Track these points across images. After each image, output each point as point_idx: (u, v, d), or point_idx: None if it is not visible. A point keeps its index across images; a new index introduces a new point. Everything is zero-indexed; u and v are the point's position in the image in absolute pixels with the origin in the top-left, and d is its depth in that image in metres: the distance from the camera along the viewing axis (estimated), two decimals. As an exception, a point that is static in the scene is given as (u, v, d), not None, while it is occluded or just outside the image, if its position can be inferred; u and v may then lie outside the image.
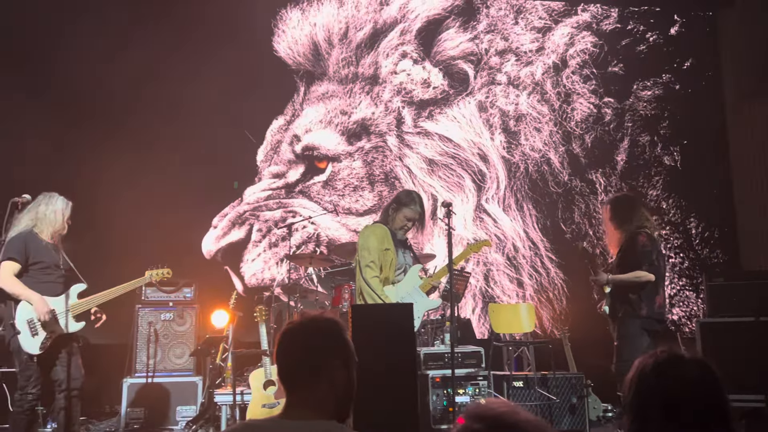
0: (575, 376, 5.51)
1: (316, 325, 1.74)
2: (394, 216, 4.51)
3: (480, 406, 1.15)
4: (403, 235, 4.60)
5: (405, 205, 4.49)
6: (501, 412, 1.10)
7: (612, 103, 8.05)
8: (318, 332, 1.72)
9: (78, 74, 6.56)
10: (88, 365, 5.91)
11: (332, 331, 1.74)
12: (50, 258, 4.32)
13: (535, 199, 7.71)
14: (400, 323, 3.54)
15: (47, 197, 4.44)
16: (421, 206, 4.55)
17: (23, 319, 4.14)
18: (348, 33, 7.61)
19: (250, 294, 6.77)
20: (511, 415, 1.10)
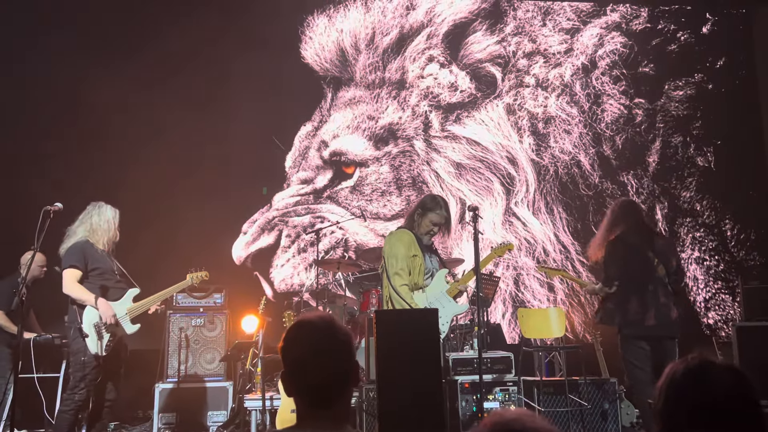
0: (607, 381, 5.42)
1: (336, 329, 1.63)
2: (420, 221, 4.48)
3: (494, 414, 1.13)
4: (429, 240, 4.56)
5: (431, 210, 4.46)
6: (510, 419, 1.08)
7: (643, 104, 7.92)
8: (341, 338, 1.63)
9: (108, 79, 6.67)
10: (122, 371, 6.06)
11: (349, 336, 1.67)
12: (106, 265, 4.55)
13: (566, 202, 7.62)
14: (424, 328, 3.52)
15: (97, 207, 4.65)
16: (447, 210, 4.51)
17: (90, 323, 4.38)
18: (374, 38, 7.62)
19: (280, 299, 6.81)
20: (519, 422, 1.08)
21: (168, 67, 6.92)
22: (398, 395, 3.35)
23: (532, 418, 1.10)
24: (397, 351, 3.41)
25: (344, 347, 1.63)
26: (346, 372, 1.62)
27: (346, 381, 1.63)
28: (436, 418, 3.40)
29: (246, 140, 7.12)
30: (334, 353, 1.61)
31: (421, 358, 3.46)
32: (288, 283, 7.07)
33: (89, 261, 4.47)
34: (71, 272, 4.40)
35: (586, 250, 7.38)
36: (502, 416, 1.10)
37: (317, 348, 1.60)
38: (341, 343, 1.62)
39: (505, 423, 1.07)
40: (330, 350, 1.61)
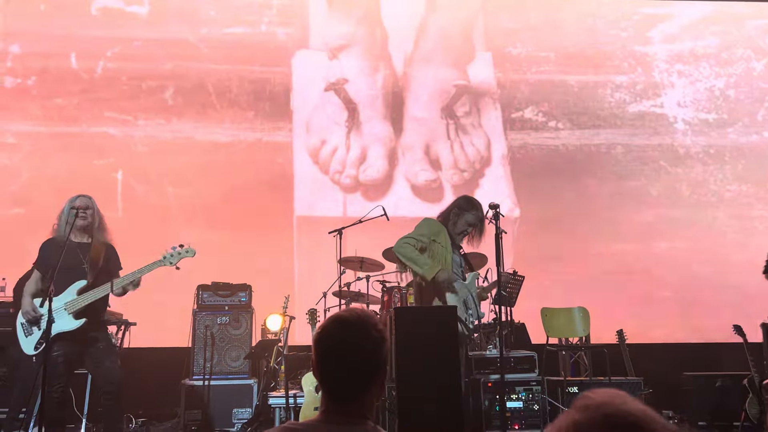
0: (633, 381, 5.35)
1: (370, 326, 1.65)
2: (456, 220, 4.58)
3: (586, 395, 1.07)
4: (461, 240, 4.65)
5: (467, 211, 4.57)
6: (602, 401, 1.04)
7: None
8: (378, 334, 1.65)
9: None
10: (149, 368, 6.16)
11: (384, 335, 1.68)
12: (69, 259, 4.20)
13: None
14: (443, 325, 3.52)
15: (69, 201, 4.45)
16: (482, 212, 4.58)
17: (19, 321, 4.31)
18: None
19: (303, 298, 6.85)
20: (615, 404, 1.03)
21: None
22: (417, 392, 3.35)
23: (623, 398, 1.05)
24: (416, 348, 3.42)
25: (373, 345, 1.63)
26: (372, 369, 1.64)
27: (371, 378, 1.64)
28: (455, 416, 3.39)
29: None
30: (361, 349, 1.62)
31: (441, 355, 3.47)
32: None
33: (48, 260, 4.25)
34: (34, 274, 4.39)
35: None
36: (592, 398, 1.06)
37: (345, 343, 1.63)
38: (371, 340, 1.63)
39: (596, 406, 1.03)
40: (357, 346, 1.62)
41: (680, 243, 7.45)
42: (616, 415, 1.02)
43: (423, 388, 3.38)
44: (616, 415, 1.02)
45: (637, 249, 7.39)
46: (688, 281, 7.34)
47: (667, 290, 7.29)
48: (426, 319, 3.63)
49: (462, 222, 4.56)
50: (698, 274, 7.36)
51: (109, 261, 4.50)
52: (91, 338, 4.31)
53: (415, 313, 3.87)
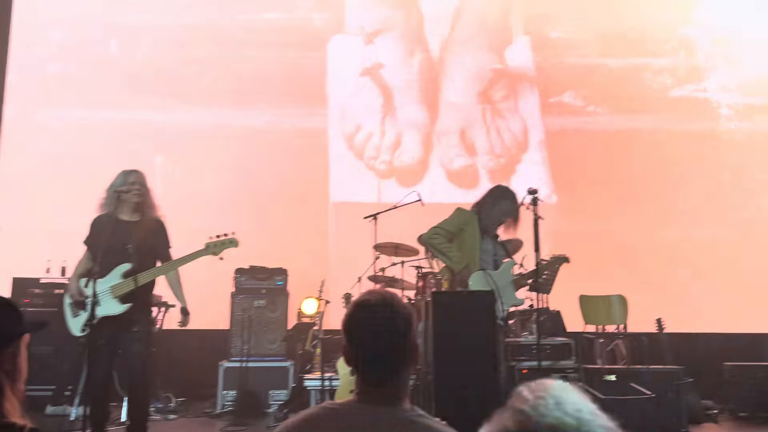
0: (672, 370, 5.26)
1: (398, 306, 1.65)
2: (490, 210, 4.56)
3: (520, 394, 0.98)
4: (496, 230, 4.64)
5: (501, 201, 4.56)
6: (535, 404, 0.93)
7: None
8: (406, 314, 1.65)
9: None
10: (188, 349, 6.28)
11: (410, 313, 1.68)
12: (116, 239, 4.10)
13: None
14: (481, 310, 3.50)
15: (116, 179, 4.34)
16: (516, 202, 4.56)
17: (67, 302, 4.26)
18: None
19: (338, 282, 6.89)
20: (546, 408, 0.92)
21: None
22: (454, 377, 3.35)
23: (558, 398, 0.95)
24: (453, 333, 3.41)
25: (401, 327, 1.63)
26: (400, 351, 1.63)
27: (401, 360, 1.64)
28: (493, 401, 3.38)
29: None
30: (388, 333, 1.62)
31: (478, 340, 3.46)
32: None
33: (95, 239, 4.18)
34: (84, 253, 4.31)
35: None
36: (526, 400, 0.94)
37: (372, 326, 1.63)
38: (398, 323, 1.63)
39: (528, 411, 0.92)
40: (385, 329, 1.62)
41: (723, 231, 7.27)
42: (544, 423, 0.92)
43: (460, 374, 3.38)
44: (545, 423, 0.92)
45: (678, 236, 7.24)
46: (731, 270, 7.17)
47: (708, 279, 7.13)
48: (464, 304, 3.62)
49: (496, 211, 4.57)
50: (741, 262, 7.19)
51: (157, 238, 4.36)
52: (130, 321, 4.18)
53: (453, 298, 3.87)
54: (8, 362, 1.62)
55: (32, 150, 7.26)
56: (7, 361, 1.62)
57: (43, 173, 7.20)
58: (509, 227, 4.72)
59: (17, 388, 1.65)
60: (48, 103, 7.37)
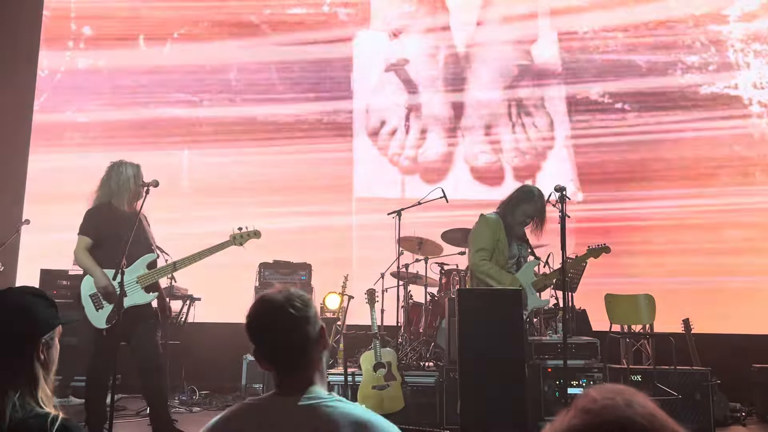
0: (700, 371, 5.18)
1: (297, 305, 1.69)
2: (513, 210, 4.53)
3: (587, 395, 0.97)
4: (521, 230, 4.60)
5: (525, 201, 4.52)
6: (604, 405, 0.93)
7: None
8: (298, 301, 1.70)
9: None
10: (213, 342, 6.33)
11: (311, 309, 1.72)
12: (124, 229, 4.07)
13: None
14: (508, 309, 3.48)
15: (117, 166, 4.35)
16: (542, 202, 4.51)
17: (86, 294, 4.16)
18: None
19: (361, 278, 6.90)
20: (617, 409, 0.92)
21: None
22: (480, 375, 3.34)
23: (627, 401, 0.95)
24: (479, 330, 3.39)
25: (297, 318, 1.67)
26: (303, 340, 1.68)
27: (305, 347, 1.68)
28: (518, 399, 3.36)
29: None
30: (284, 326, 1.67)
31: (504, 338, 3.43)
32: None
33: (103, 227, 4.17)
34: (81, 239, 4.17)
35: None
36: (594, 399, 0.96)
37: (269, 322, 1.69)
38: (293, 314, 1.67)
39: (597, 410, 0.94)
40: (276, 320, 1.67)
41: (753, 231, 7.14)
42: (616, 423, 0.92)
43: (485, 371, 3.36)
44: (616, 423, 0.92)
45: (707, 236, 7.12)
46: (761, 271, 7.04)
47: (738, 280, 7.01)
48: (490, 302, 3.60)
49: (520, 212, 4.52)
50: (771, 263, 7.06)
51: (148, 230, 4.47)
52: (148, 310, 4.24)
53: (478, 296, 3.85)
54: (44, 352, 1.65)
55: (61, 144, 7.37)
56: (43, 351, 1.65)
57: (72, 167, 7.30)
58: (536, 228, 4.67)
59: (50, 378, 1.68)
60: (78, 98, 7.48)
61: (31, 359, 1.62)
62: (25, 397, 1.58)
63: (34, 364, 1.62)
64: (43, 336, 1.65)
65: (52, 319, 1.68)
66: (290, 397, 1.66)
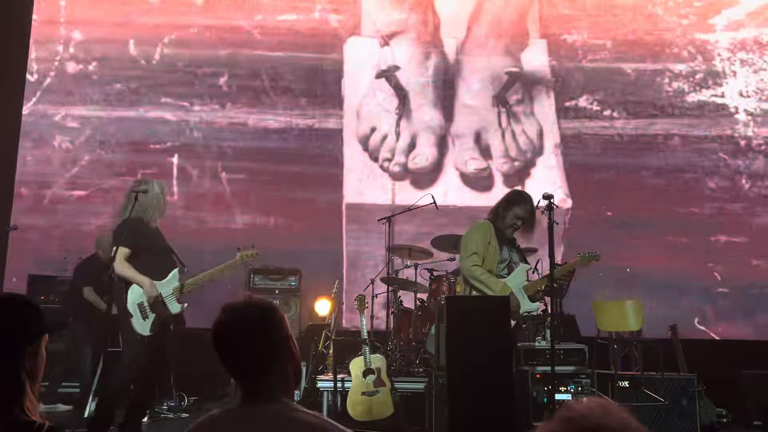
0: (686, 377, 5.22)
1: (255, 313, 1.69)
2: (504, 214, 4.55)
3: (569, 406, 1.06)
4: (511, 234, 4.62)
5: (516, 204, 4.55)
6: (581, 413, 1.02)
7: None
8: (261, 321, 1.68)
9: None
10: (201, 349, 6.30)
11: (270, 319, 1.70)
12: (157, 243, 4.39)
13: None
14: (496, 316, 3.50)
15: (147, 185, 4.49)
16: (532, 206, 4.54)
17: (134, 303, 4.26)
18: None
19: (351, 284, 6.92)
20: (592, 416, 1.01)
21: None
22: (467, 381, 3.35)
23: (605, 410, 1.04)
24: (467, 338, 3.41)
25: (258, 328, 1.66)
26: (264, 349, 1.66)
27: (268, 357, 1.67)
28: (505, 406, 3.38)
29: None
30: (241, 330, 1.66)
31: (492, 346, 3.45)
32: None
33: (140, 240, 4.31)
34: (122, 251, 4.25)
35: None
36: (574, 409, 1.05)
37: (230, 332, 1.67)
38: (254, 324, 1.66)
39: (576, 418, 1.02)
40: (236, 328, 1.66)
41: (739, 237, 7.21)
42: (593, 429, 1.01)
43: (473, 378, 3.37)
44: (593, 430, 1.01)
45: (694, 242, 7.19)
46: (747, 276, 7.11)
47: (724, 285, 7.08)
48: (477, 309, 3.62)
49: (511, 215, 4.55)
50: (757, 269, 7.13)
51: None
52: (175, 322, 4.53)
53: (466, 303, 3.87)
54: (30, 361, 1.65)
55: (50, 148, 7.34)
56: (29, 360, 1.65)
57: (61, 171, 7.28)
58: (526, 232, 4.70)
59: (36, 386, 1.68)
60: (67, 102, 7.45)
61: (17, 368, 1.61)
62: (10, 405, 1.57)
63: (20, 373, 1.62)
64: (30, 344, 1.64)
65: (38, 328, 1.68)
66: (252, 408, 1.65)
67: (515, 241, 4.75)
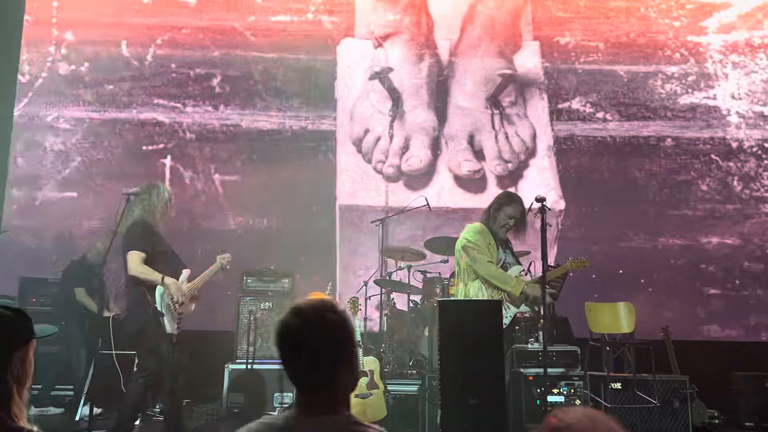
0: (678, 379, 5.24)
1: (324, 319, 1.64)
2: (496, 215, 4.57)
3: (557, 416, 1.07)
4: (504, 234, 4.63)
5: (506, 204, 4.57)
6: (570, 423, 1.03)
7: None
8: (330, 327, 1.64)
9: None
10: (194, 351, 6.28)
11: (341, 323, 1.66)
12: (164, 246, 4.47)
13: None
14: (488, 320, 3.50)
15: (156, 187, 4.57)
16: (522, 205, 4.56)
17: (163, 303, 4.31)
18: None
19: (345, 286, 6.91)
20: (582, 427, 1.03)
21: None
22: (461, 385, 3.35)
23: (593, 421, 1.05)
24: (460, 341, 3.41)
25: (335, 330, 1.63)
26: (338, 353, 1.63)
27: (332, 367, 1.62)
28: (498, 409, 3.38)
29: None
30: (314, 339, 1.61)
31: (484, 349, 3.45)
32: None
33: (153, 242, 4.37)
34: (138, 254, 4.28)
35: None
36: (562, 419, 1.06)
37: (298, 333, 1.63)
38: (332, 326, 1.63)
39: (564, 429, 1.03)
40: (310, 336, 1.62)
41: (731, 239, 7.24)
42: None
43: (466, 381, 3.37)
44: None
45: (686, 244, 7.22)
46: (739, 278, 7.14)
47: (716, 287, 7.11)
48: (470, 313, 3.62)
49: (502, 215, 4.56)
50: (749, 270, 7.16)
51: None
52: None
53: (459, 306, 3.87)
54: (17, 366, 1.64)
55: (42, 150, 7.31)
56: (17, 366, 1.64)
57: (53, 173, 7.25)
58: (518, 232, 4.71)
59: (24, 392, 1.67)
60: (58, 103, 7.42)
61: (4, 373, 1.60)
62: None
63: (7, 379, 1.61)
64: (17, 350, 1.64)
65: (25, 333, 1.67)
66: (313, 418, 1.60)
67: (509, 242, 4.75)
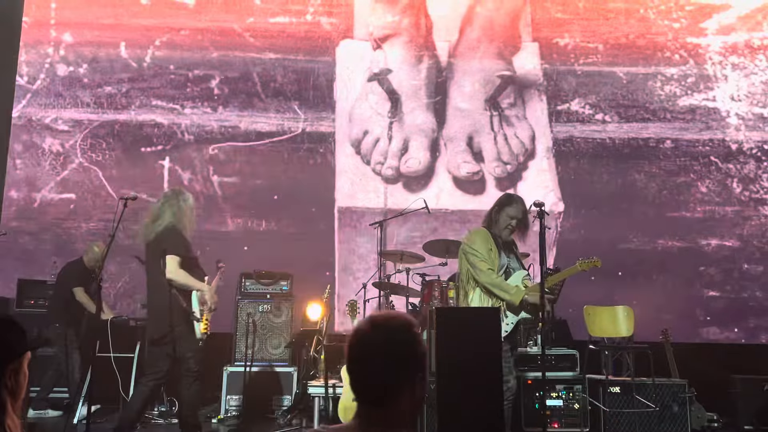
0: (677, 383, 5.24)
1: (398, 333, 1.60)
2: (497, 217, 4.53)
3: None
4: (508, 236, 4.58)
5: (507, 205, 4.53)
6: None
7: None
8: (402, 342, 1.60)
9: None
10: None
11: (414, 340, 1.62)
12: (193, 251, 4.57)
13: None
14: (486, 326, 3.49)
15: (180, 194, 4.65)
16: (523, 205, 4.53)
17: (197, 308, 4.41)
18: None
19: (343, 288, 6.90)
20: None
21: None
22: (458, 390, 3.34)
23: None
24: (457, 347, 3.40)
25: (397, 355, 1.58)
26: (400, 374, 1.58)
27: (402, 383, 1.58)
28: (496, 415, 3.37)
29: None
30: (387, 354, 1.58)
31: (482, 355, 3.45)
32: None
33: (187, 248, 4.48)
34: (177, 258, 4.35)
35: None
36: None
37: (367, 353, 1.60)
38: (404, 338, 1.59)
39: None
40: (383, 350, 1.58)
41: (730, 241, 7.24)
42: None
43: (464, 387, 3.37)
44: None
45: (685, 246, 7.21)
46: (738, 280, 7.13)
47: (715, 289, 7.10)
48: (468, 320, 3.61)
49: (504, 217, 4.51)
50: (748, 273, 7.15)
51: None
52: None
53: (456, 313, 3.86)
54: (11, 378, 1.63)
55: (40, 151, 7.29)
56: (10, 378, 1.63)
57: (51, 175, 7.23)
58: (521, 233, 4.67)
59: (17, 404, 1.66)
60: (57, 105, 7.40)
61: (-2, 386, 1.59)
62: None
63: (1, 391, 1.60)
64: (10, 363, 1.62)
65: (19, 346, 1.66)
66: (370, 429, 1.56)
67: (512, 246, 4.70)
